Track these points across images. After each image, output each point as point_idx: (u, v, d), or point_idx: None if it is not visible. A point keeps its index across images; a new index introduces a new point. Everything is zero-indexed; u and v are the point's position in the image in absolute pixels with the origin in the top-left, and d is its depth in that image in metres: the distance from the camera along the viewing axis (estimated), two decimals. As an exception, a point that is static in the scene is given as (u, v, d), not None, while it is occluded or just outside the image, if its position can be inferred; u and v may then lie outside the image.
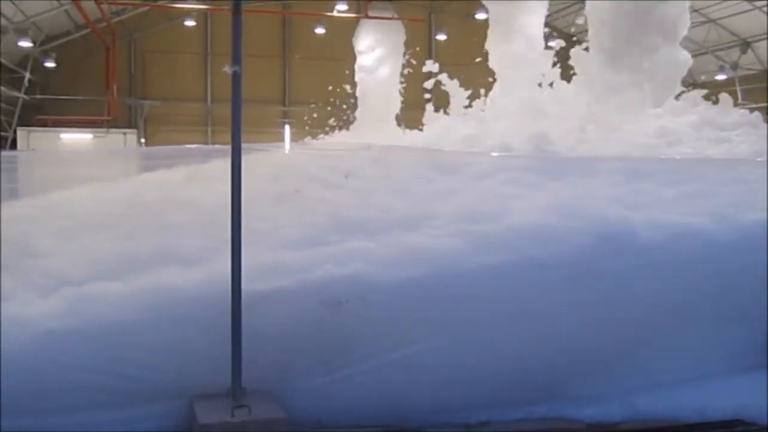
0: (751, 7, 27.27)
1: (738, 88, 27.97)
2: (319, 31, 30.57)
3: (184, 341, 3.48)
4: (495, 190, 5.33)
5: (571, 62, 13.16)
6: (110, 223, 4.68)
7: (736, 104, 12.71)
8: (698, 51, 20.11)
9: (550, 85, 13.28)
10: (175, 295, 3.56)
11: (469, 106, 14.99)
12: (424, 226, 4.43)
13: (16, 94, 26.81)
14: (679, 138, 9.18)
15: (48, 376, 3.28)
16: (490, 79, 16.38)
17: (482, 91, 15.63)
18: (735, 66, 30.26)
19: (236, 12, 3.53)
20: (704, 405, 4.01)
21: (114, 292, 3.55)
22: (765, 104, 22.43)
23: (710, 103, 11.38)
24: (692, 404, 4.02)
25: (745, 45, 30.13)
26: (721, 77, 29.60)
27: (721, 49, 30.10)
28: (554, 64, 14.31)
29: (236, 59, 3.53)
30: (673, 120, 10.03)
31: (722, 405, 4.04)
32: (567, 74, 13.54)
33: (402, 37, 25.39)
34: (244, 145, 3.57)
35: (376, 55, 25.22)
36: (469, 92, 15.30)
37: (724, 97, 11.35)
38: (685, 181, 5.61)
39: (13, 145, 27.28)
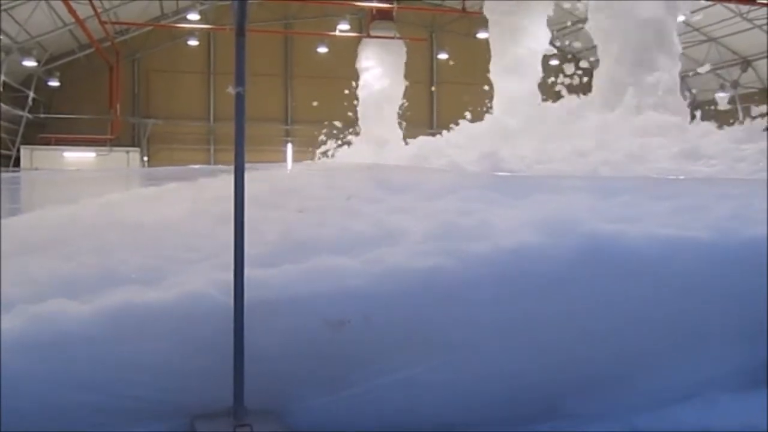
0: (751, 26, 27.48)
1: (739, 107, 28.05)
2: (322, 50, 30.80)
3: (157, 357, 3.44)
4: (461, 208, 5.16)
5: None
6: (57, 244, 4.59)
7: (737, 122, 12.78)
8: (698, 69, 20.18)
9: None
10: (140, 311, 3.51)
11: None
12: (397, 243, 4.28)
13: (19, 112, 26.98)
14: (646, 156, 8.78)
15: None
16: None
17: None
18: (735, 84, 30.42)
19: (240, 34, 3.57)
20: (707, 424, 3.99)
21: (75, 310, 3.48)
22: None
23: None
24: (694, 423, 4.00)
25: (746, 63, 30.33)
26: (721, 96, 29.77)
27: (722, 68, 30.26)
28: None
29: (239, 80, 3.56)
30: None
31: (726, 423, 4.01)
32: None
33: (403, 57, 25.53)
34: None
35: (378, 73, 25.34)
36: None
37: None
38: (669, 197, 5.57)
39: (17, 164, 27.46)
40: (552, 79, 14.59)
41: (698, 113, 12.10)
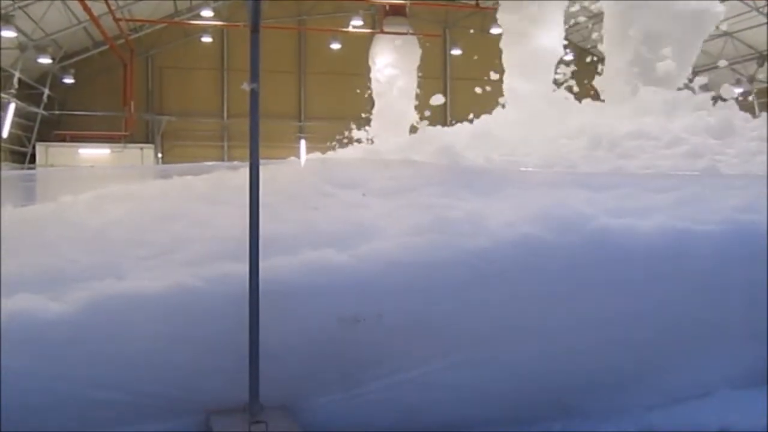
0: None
1: (756, 102, 27.82)
2: (335, 46, 30.76)
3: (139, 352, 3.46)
4: (428, 202, 5.01)
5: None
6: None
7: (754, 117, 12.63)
8: (714, 64, 20.02)
9: None
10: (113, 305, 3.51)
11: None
12: (378, 237, 4.18)
13: (35, 109, 27.13)
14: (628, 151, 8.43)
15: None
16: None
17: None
18: (752, 79, 30.11)
19: (254, 30, 3.57)
20: (724, 421, 3.95)
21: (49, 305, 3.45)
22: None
23: None
24: (711, 421, 3.96)
25: (762, 58, 29.99)
26: (737, 91, 29.44)
27: (738, 63, 29.94)
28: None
29: (254, 76, 3.56)
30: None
31: (743, 421, 3.96)
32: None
33: (417, 52, 25.43)
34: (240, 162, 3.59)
35: (391, 69, 25.24)
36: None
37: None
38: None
39: (32, 161, 27.65)
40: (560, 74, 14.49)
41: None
